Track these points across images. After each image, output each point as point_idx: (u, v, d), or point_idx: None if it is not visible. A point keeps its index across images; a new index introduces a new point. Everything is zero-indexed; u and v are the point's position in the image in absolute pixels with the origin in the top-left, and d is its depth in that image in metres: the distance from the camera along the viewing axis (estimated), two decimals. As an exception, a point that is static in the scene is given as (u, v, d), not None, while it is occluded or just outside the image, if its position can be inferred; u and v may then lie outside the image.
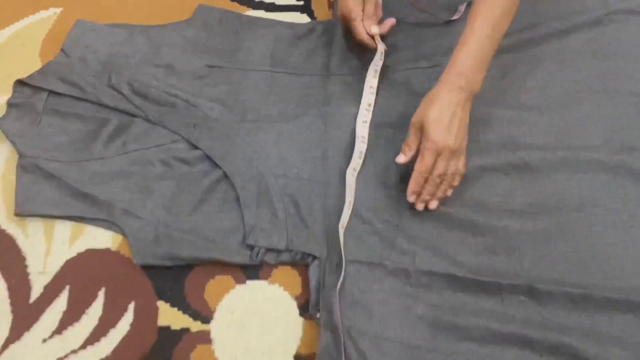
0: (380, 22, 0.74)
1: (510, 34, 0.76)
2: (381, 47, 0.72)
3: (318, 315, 0.59)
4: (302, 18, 0.81)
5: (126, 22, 0.80)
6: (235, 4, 0.82)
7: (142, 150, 0.68)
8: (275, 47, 0.77)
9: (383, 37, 0.74)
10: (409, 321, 0.59)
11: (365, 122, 0.69)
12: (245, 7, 0.82)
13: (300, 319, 0.60)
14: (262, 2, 0.83)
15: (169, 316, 0.60)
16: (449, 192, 0.64)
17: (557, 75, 0.74)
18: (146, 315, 0.60)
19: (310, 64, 0.76)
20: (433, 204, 0.63)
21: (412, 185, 0.62)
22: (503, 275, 0.61)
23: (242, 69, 0.75)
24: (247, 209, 0.64)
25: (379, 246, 0.63)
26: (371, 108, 0.70)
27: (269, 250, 0.62)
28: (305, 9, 0.82)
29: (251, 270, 0.63)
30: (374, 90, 0.71)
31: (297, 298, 0.61)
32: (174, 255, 0.62)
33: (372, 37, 0.72)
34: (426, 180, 0.62)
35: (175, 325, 0.60)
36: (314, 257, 0.62)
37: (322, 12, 0.82)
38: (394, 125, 0.70)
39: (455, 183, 0.64)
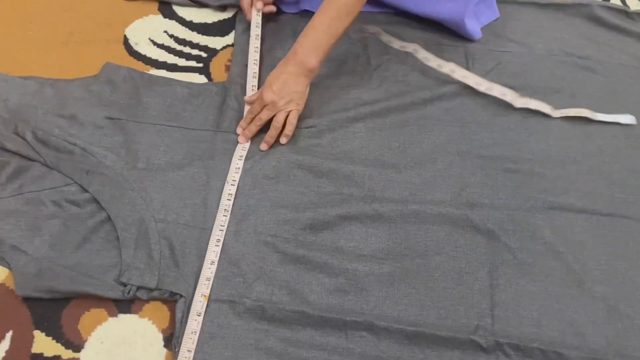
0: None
1: (379, 101, 0.88)
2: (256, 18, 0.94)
3: (176, 349, 0.66)
4: (200, 79, 0.91)
5: (40, 76, 0.88)
6: (141, 63, 0.92)
7: (36, 192, 0.75)
8: (170, 103, 0.86)
9: None
10: (259, 352, 0.66)
11: (238, 168, 0.80)
12: (149, 66, 0.92)
13: (164, 350, 0.67)
14: (165, 63, 0.92)
15: (43, 344, 0.66)
16: (283, 140, 0.82)
17: (417, 138, 0.85)
18: (22, 343, 0.66)
19: (202, 119, 0.85)
20: (263, 146, 0.82)
21: (242, 122, 0.83)
22: (349, 313, 0.69)
23: (138, 121, 0.83)
24: (126, 249, 0.71)
25: (242, 286, 0.70)
26: (245, 152, 0.82)
27: (140, 287, 0.69)
28: (204, 70, 0.92)
29: (124, 304, 0.69)
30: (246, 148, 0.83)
31: (163, 331, 0.68)
32: (53, 288, 0.68)
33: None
34: (252, 122, 0.82)
35: (48, 353, 0.66)
36: (181, 296, 0.69)
37: (218, 73, 0.92)
38: (269, 177, 0.79)
39: (288, 132, 0.81)
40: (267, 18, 0.97)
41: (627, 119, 0.88)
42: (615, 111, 0.89)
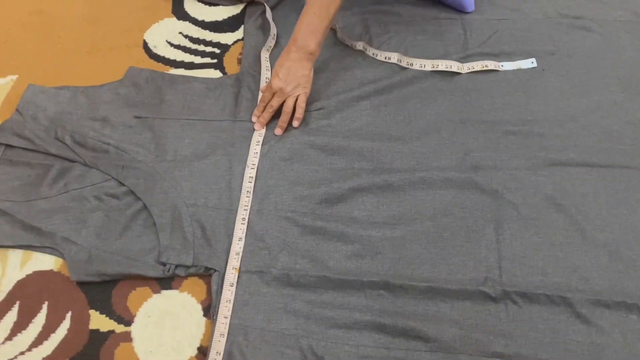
0: None
1: (382, 79, 0.93)
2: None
3: (214, 317, 0.74)
4: (215, 74, 0.98)
5: (71, 84, 0.96)
6: (160, 64, 1.00)
7: (79, 189, 0.84)
8: (190, 98, 0.94)
9: None
10: (288, 315, 0.73)
11: (257, 153, 0.87)
12: (168, 66, 0.99)
13: (204, 319, 0.75)
14: (183, 62, 1.00)
15: (99, 321, 0.75)
16: (295, 123, 0.88)
17: (421, 110, 0.90)
18: (80, 321, 0.75)
19: (220, 111, 0.92)
20: (277, 130, 0.88)
21: (255, 110, 0.90)
22: (366, 274, 0.75)
23: (163, 118, 0.91)
24: (163, 232, 0.80)
25: (268, 258, 0.78)
26: (262, 137, 0.89)
27: (178, 265, 0.78)
28: (218, 65, 0.99)
29: (165, 282, 0.78)
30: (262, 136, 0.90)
31: (202, 302, 0.76)
32: (102, 272, 0.77)
33: None
34: (264, 110, 0.89)
35: (103, 328, 0.74)
36: (215, 270, 0.77)
37: (232, 66, 0.99)
38: (285, 158, 0.86)
39: (299, 116, 0.88)
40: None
41: (528, 63, 0.94)
42: (612, 67, 0.93)
